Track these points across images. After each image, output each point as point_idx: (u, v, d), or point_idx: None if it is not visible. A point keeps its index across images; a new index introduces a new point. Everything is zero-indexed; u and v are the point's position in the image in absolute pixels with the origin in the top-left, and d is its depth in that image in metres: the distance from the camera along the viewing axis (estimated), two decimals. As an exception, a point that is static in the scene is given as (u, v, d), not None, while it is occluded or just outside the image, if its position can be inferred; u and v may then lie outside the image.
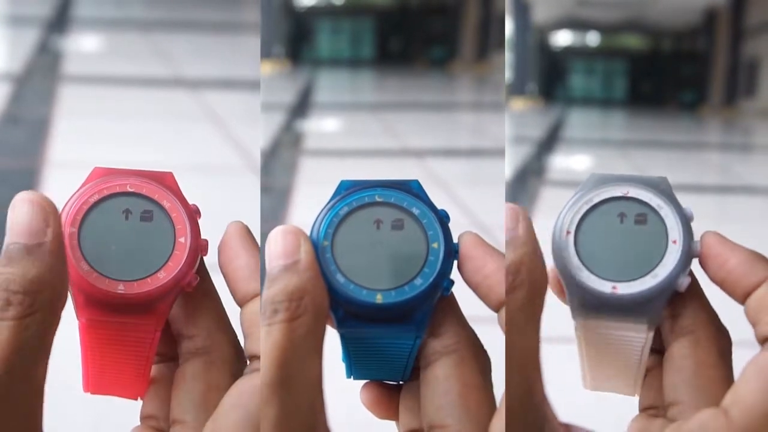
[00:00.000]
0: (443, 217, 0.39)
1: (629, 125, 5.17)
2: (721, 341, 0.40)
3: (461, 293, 0.40)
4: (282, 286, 0.36)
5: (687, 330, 0.40)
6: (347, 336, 0.39)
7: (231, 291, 0.40)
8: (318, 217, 0.39)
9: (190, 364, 0.39)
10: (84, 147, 1.99)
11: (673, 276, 0.40)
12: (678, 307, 0.40)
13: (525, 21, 5.60)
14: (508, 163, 2.90)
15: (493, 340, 0.40)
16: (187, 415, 0.39)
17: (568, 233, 0.41)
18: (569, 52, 6.38)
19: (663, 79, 6.16)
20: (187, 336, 0.40)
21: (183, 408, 0.39)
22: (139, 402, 0.41)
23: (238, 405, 0.37)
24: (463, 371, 0.38)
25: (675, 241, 0.40)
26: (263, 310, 0.36)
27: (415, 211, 0.39)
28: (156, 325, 0.40)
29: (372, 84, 5.05)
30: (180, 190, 0.41)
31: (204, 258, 0.41)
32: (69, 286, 0.38)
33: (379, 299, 0.38)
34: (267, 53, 4.90)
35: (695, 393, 0.39)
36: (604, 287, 0.40)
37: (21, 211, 0.34)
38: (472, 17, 5.40)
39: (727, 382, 0.39)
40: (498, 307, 0.39)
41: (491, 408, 0.38)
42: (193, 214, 0.41)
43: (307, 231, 0.39)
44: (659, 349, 0.42)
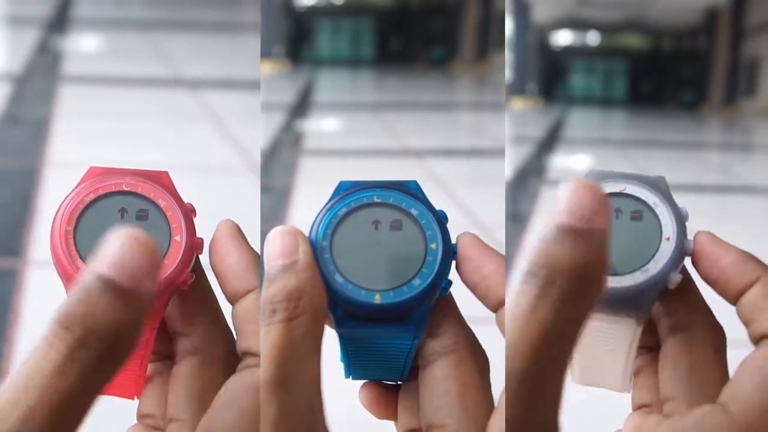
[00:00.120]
0: (441, 218, 0.39)
1: (629, 125, 5.16)
2: (717, 337, 0.40)
3: (459, 293, 0.40)
4: (280, 286, 0.36)
5: (682, 326, 0.40)
6: (346, 336, 0.39)
7: (222, 288, 0.40)
8: (317, 218, 0.39)
9: (186, 362, 0.39)
10: (84, 147, 1.99)
11: (664, 272, 0.40)
12: (673, 304, 0.40)
13: (525, 21, 5.60)
14: (508, 163, 2.90)
15: (492, 340, 0.40)
16: (184, 414, 0.39)
17: None
18: (569, 51, 6.38)
19: (663, 79, 6.16)
20: (184, 334, 0.40)
21: (179, 406, 0.39)
22: (136, 401, 0.41)
23: (231, 402, 0.37)
24: (462, 371, 0.38)
25: (668, 238, 0.40)
26: (262, 310, 0.36)
27: (414, 212, 0.39)
28: (152, 324, 0.40)
29: (372, 84, 5.05)
30: (175, 189, 0.41)
31: (200, 257, 0.41)
32: (69, 284, 0.38)
33: (378, 299, 0.38)
34: (267, 53, 4.89)
35: (690, 389, 0.39)
36: None
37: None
38: (472, 17, 5.40)
39: (723, 378, 0.39)
40: (496, 308, 0.39)
41: (489, 408, 0.38)
42: (189, 212, 0.41)
43: (306, 231, 0.39)
44: (652, 347, 0.42)
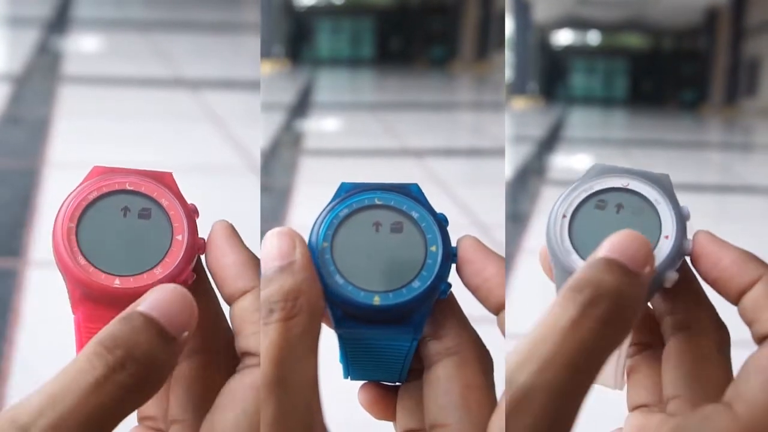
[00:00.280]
0: (441, 221, 0.40)
1: (630, 124, 5.17)
2: (720, 336, 0.40)
3: (462, 294, 0.40)
4: (277, 286, 0.37)
5: (686, 325, 0.40)
6: (345, 336, 0.39)
7: (219, 289, 0.40)
8: (318, 219, 0.39)
9: (188, 363, 0.39)
10: (84, 147, 1.99)
11: (660, 270, 0.39)
12: (677, 303, 0.40)
13: (526, 20, 5.60)
14: (508, 163, 2.90)
15: (495, 340, 0.40)
16: (187, 415, 0.39)
17: (564, 217, 0.41)
18: (570, 51, 6.38)
19: (664, 79, 6.16)
20: None
21: (182, 408, 0.39)
22: None
23: (232, 402, 0.37)
24: (465, 372, 0.38)
25: (667, 237, 0.40)
26: (261, 311, 0.36)
27: (414, 215, 0.39)
28: None
29: (372, 84, 5.05)
30: (178, 189, 0.41)
31: (198, 257, 0.41)
32: (70, 279, 0.39)
33: (377, 301, 0.38)
34: (267, 53, 4.90)
35: (694, 387, 0.39)
36: None
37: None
38: (472, 17, 5.40)
39: (727, 376, 0.39)
40: (498, 310, 0.39)
41: (492, 408, 0.38)
42: (191, 212, 0.41)
43: (306, 232, 0.39)
44: (645, 346, 0.42)
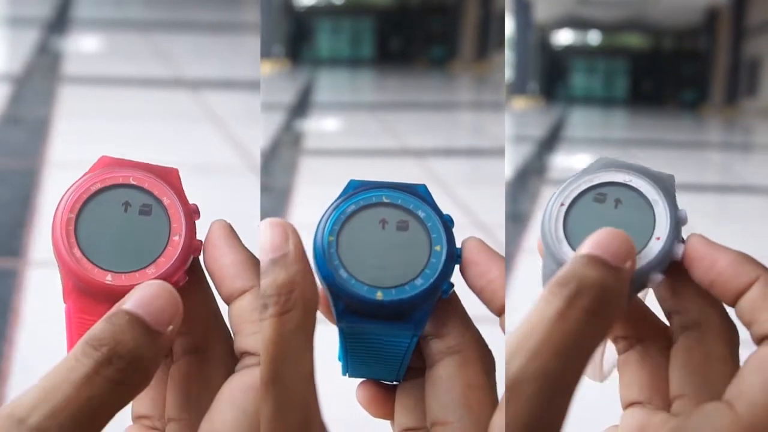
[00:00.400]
0: (447, 222, 0.40)
1: (630, 124, 5.16)
2: (730, 336, 0.40)
3: (464, 294, 0.40)
4: (271, 280, 0.36)
5: (694, 324, 0.40)
6: (346, 330, 0.39)
7: (217, 289, 0.40)
8: (325, 214, 0.40)
9: (185, 361, 0.39)
10: (84, 147, 1.99)
11: (645, 270, 0.39)
12: (686, 301, 0.40)
13: (526, 20, 5.60)
14: (508, 163, 2.90)
15: (497, 340, 0.40)
16: (184, 413, 0.39)
17: (561, 205, 0.41)
18: (570, 51, 6.38)
19: (664, 78, 6.16)
20: (182, 334, 0.40)
21: (179, 406, 0.39)
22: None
23: (231, 402, 0.37)
24: (467, 371, 0.39)
25: (658, 238, 0.40)
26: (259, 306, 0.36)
27: (421, 214, 0.40)
28: None
29: (372, 84, 5.05)
30: (182, 188, 0.41)
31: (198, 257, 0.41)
32: (64, 270, 0.39)
33: (380, 296, 0.38)
34: (267, 53, 4.89)
35: (701, 387, 0.39)
36: None
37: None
38: (471, 16, 5.40)
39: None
40: (501, 312, 0.39)
41: (494, 407, 0.38)
42: (191, 213, 0.40)
43: (306, 232, 0.39)
44: (634, 342, 0.41)
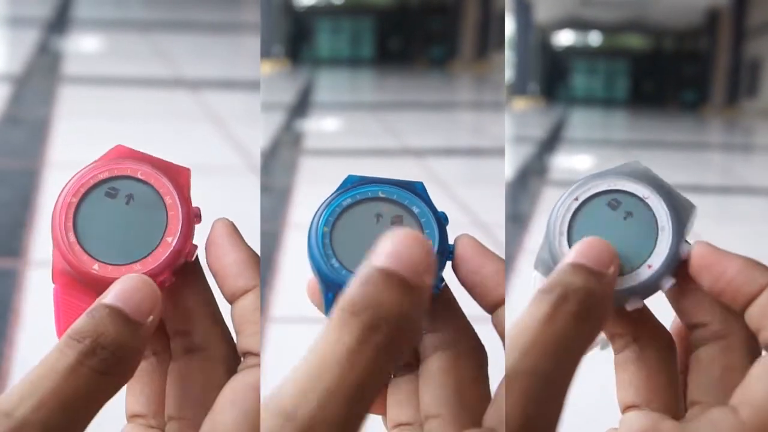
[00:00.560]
0: (441, 218, 0.40)
1: (631, 125, 5.16)
2: (751, 343, 0.40)
3: (458, 292, 0.40)
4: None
5: (718, 336, 0.40)
6: None
7: (220, 288, 0.40)
8: (321, 205, 0.40)
9: (185, 361, 0.39)
10: (84, 147, 1.98)
11: (623, 293, 0.39)
12: (708, 314, 0.40)
13: (527, 20, 5.60)
14: (508, 163, 2.90)
15: (491, 336, 0.40)
16: (185, 412, 0.39)
17: (575, 199, 0.41)
18: (571, 51, 6.38)
19: (665, 79, 6.16)
20: (182, 333, 0.40)
21: (179, 405, 0.39)
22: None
23: (233, 402, 0.37)
24: (460, 365, 0.39)
25: (650, 266, 0.40)
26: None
27: (415, 210, 0.40)
28: None
29: (372, 84, 5.05)
30: (188, 189, 0.41)
31: (198, 255, 0.41)
32: (56, 252, 0.39)
33: None
34: (267, 53, 4.90)
35: (723, 396, 0.39)
36: None
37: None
38: (471, 16, 5.40)
39: (756, 386, 0.39)
40: (493, 309, 0.39)
41: (486, 401, 0.38)
42: (191, 216, 0.40)
43: (306, 232, 0.39)
44: (629, 341, 0.41)
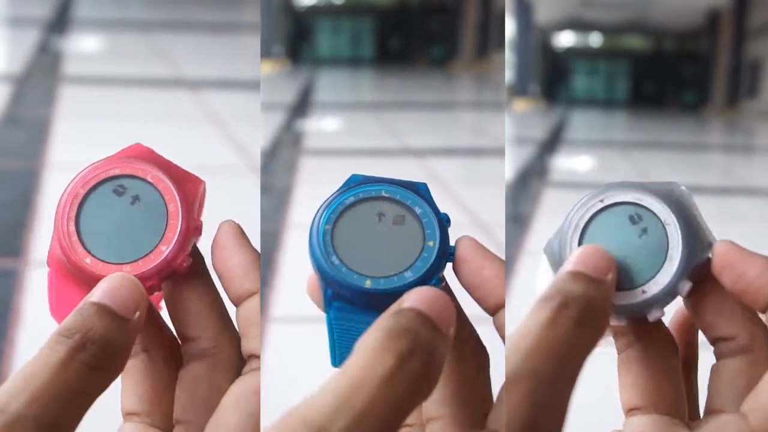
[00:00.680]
0: (444, 220, 0.40)
1: (631, 126, 5.17)
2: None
3: (459, 293, 0.40)
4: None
5: (746, 349, 0.39)
6: (333, 317, 0.39)
7: (226, 290, 0.40)
8: (324, 203, 0.40)
9: (195, 365, 0.40)
10: (84, 147, 1.98)
11: (618, 308, 0.39)
12: (734, 328, 0.40)
13: (528, 21, 5.61)
14: (508, 163, 2.91)
15: (491, 338, 0.40)
16: (192, 416, 0.39)
17: (600, 201, 0.41)
18: (572, 52, 6.39)
19: (665, 80, 6.17)
20: (192, 338, 0.40)
21: (187, 408, 0.39)
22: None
23: (237, 405, 0.37)
24: (461, 366, 0.39)
25: (644, 292, 0.39)
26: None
27: (417, 210, 0.40)
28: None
29: (372, 83, 5.05)
30: (199, 201, 0.41)
31: (205, 258, 0.41)
32: (54, 237, 0.39)
33: (368, 284, 0.39)
34: (267, 53, 4.90)
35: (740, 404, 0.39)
36: None
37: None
38: (471, 16, 5.40)
39: None
40: (495, 311, 0.39)
41: (488, 402, 0.39)
42: (189, 229, 0.40)
43: (305, 231, 0.40)
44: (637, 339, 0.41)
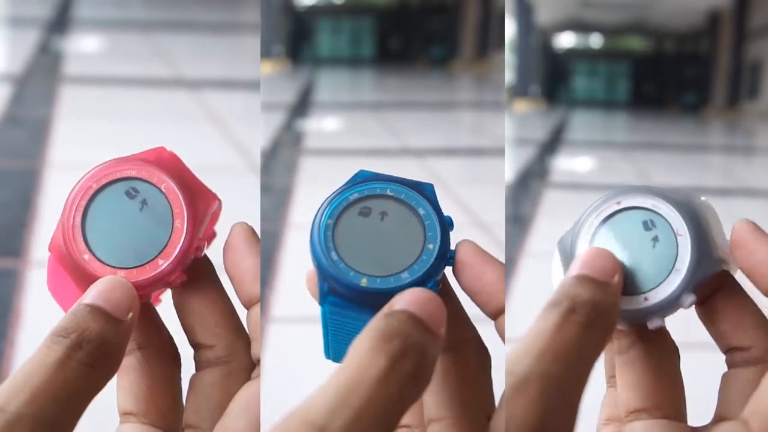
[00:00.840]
0: (446, 223, 0.40)
1: (632, 127, 5.17)
2: None
3: (460, 293, 0.40)
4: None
5: (761, 359, 0.39)
6: (327, 312, 0.39)
7: (237, 293, 0.40)
8: (328, 198, 0.40)
9: (208, 372, 0.40)
10: (84, 148, 1.98)
11: (640, 313, 0.39)
12: (749, 339, 0.40)
13: (528, 22, 5.61)
14: (509, 164, 2.91)
15: (492, 341, 0.40)
16: (204, 422, 0.39)
17: (618, 203, 0.41)
18: (572, 53, 6.41)
19: (666, 81, 6.18)
20: (206, 346, 0.40)
21: (200, 414, 0.39)
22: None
23: (246, 409, 0.37)
24: (463, 367, 0.39)
25: (647, 299, 0.39)
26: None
27: (421, 212, 0.40)
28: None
29: (372, 83, 5.05)
30: (209, 218, 0.40)
31: (214, 265, 0.41)
32: (58, 228, 0.39)
33: (364, 282, 0.38)
34: (267, 53, 4.90)
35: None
36: None
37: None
38: (471, 16, 5.40)
39: None
40: (496, 315, 0.39)
41: (489, 403, 0.38)
42: (191, 248, 0.39)
43: (305, 231, 0.40)
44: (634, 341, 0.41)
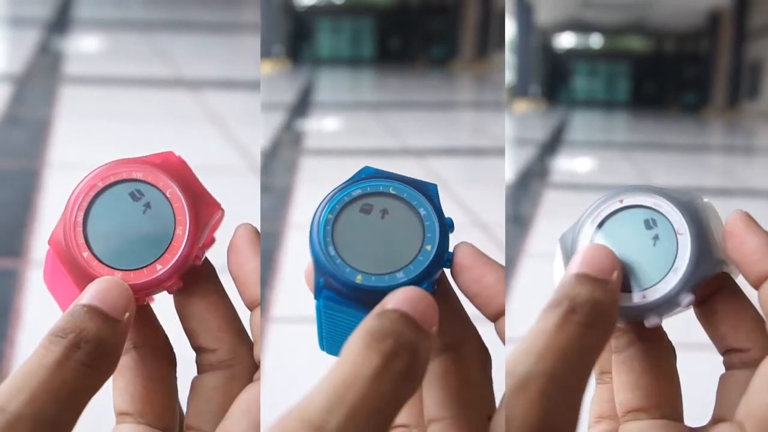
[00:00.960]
0: (446, 225, 0.40)
1: (632, 127, 5.17)
2: None
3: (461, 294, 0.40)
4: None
5: (758, 361, 0.39)
6: (321, 305, 0.40)
7: (240, 294, 0.40)
8: (330, 192, 0.40)
9: (210, 375, 0.40)
10: (85, 148, 1.98)
11: (637, 310, 0.39)
12: (748, 341, 0.40)
13: (528, 23, 5.61)
14: (508, 163, 2.91)
15: (492, 341, 0.40)
16: (206, 425, 0.39)
17: (620, 201, 0.41)
18: (572, 54, 6.41)
19: (666, 81, 6.18)
20: (209, 350, 0.40)
21: (201, 417, 0.39)
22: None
23: (247, 412, 0.37)
24: (463, 367, 0.39)
25: (645, 296, 0.39)
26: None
27: (422, 212, 0.40)
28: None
29: (372, 83, 5.05)
30: (211, 226, 0.40)
31: (216, 270, 0.41)
32: (61, 221, 0.39)
33: (359, 279, 0.38)
34: (267, 53, 4.90)
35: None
36: None
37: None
38: (471, 16, 5.40)
39: None
40: (496, 318, 0.39)
41: (490, 403, 0.38)
42: (189, 256, 0.40)
43: (305, 231, 0.39)
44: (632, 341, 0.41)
